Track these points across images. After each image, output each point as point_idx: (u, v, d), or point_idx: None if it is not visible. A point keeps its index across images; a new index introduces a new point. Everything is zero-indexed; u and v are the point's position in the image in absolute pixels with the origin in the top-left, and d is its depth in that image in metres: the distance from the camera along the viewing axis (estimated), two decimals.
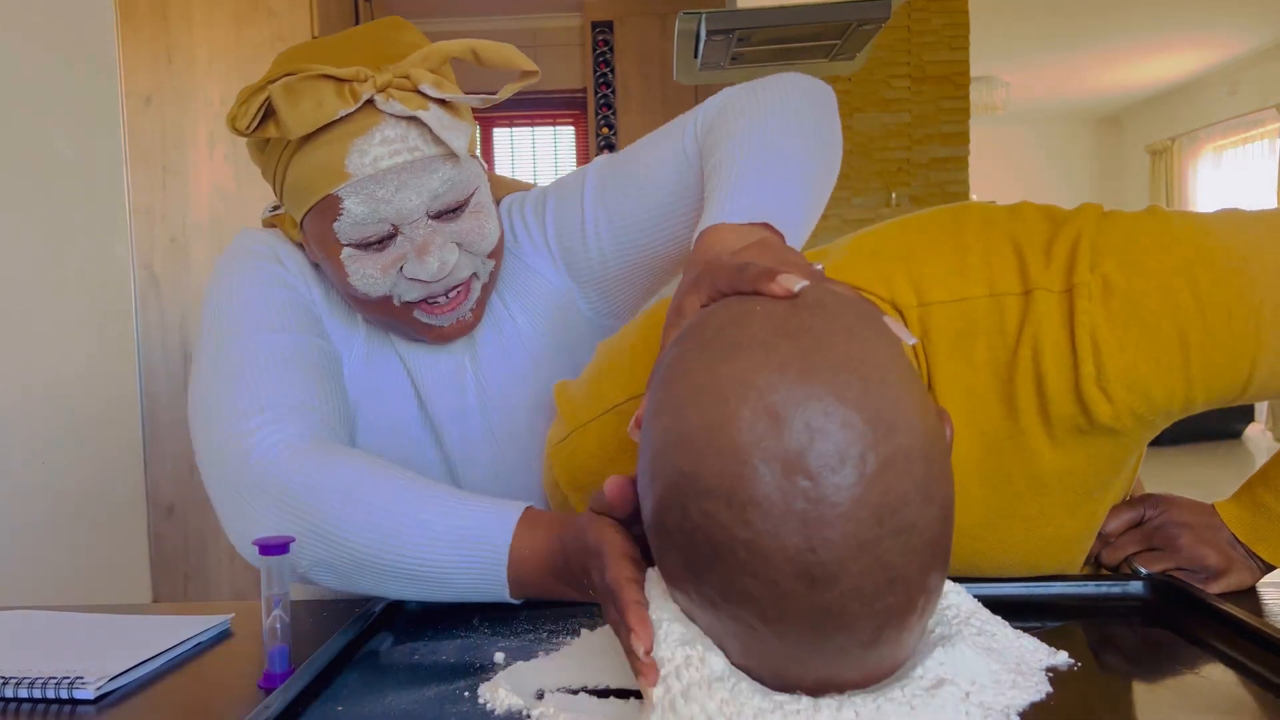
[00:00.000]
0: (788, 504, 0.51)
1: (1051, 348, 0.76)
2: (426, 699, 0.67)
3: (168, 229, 3.10)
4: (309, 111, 0.84)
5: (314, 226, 0.91)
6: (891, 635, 0.54)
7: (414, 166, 0.87)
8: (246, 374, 0.87)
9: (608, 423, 0.87)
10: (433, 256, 0.89)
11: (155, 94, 3.08)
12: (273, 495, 0.81)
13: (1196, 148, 7.65)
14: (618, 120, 5.42)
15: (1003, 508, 0.82)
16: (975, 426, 0.80)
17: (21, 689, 0.71)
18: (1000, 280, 0.78)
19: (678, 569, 0.57)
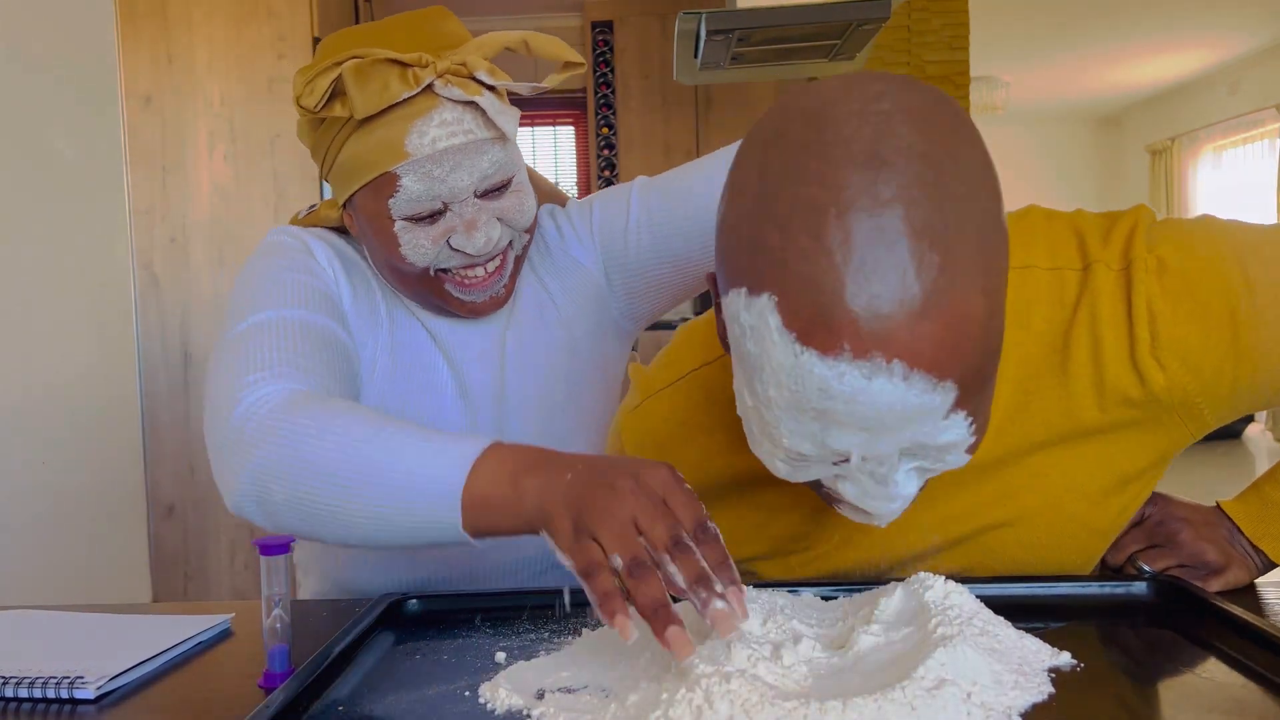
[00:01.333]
0: (861, 120, 0.62)
1: (1109, 316, 0.79)
2: (427, 699, 0.67)
3: (168, 229, 3.10)
4: (376, 93, 0.90)
5: (367, 202, 0.95)
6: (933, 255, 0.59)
7: (467, 148, 0.93)
8: (252, 341, 0.89)
9: (681, 389, 0.91)
10: (480, 232, 0.95)
11: (155, 94, 3.08)
12: (251, 435, 0.80)
13: (1196, 148, 7.65)
14: (618, 120, 5.42)
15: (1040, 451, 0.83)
16: (1025, 394, 0.82)
17: (22, 689, 0.71)
18: (1061, 256, 0.82)
19: (740, 201, 0.65)
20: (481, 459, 0.73)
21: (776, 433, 0.66)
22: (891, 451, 0.65)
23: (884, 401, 0.61)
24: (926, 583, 0.73)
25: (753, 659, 0.64)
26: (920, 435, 0.64)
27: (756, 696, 0.57)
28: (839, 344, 0.59)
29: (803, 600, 0.79)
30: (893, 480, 0.68)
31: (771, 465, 0.71)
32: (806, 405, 0.63)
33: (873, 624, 0.69)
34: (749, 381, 0.67)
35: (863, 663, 0.65)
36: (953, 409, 0.63)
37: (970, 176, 0.62)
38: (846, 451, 0.65)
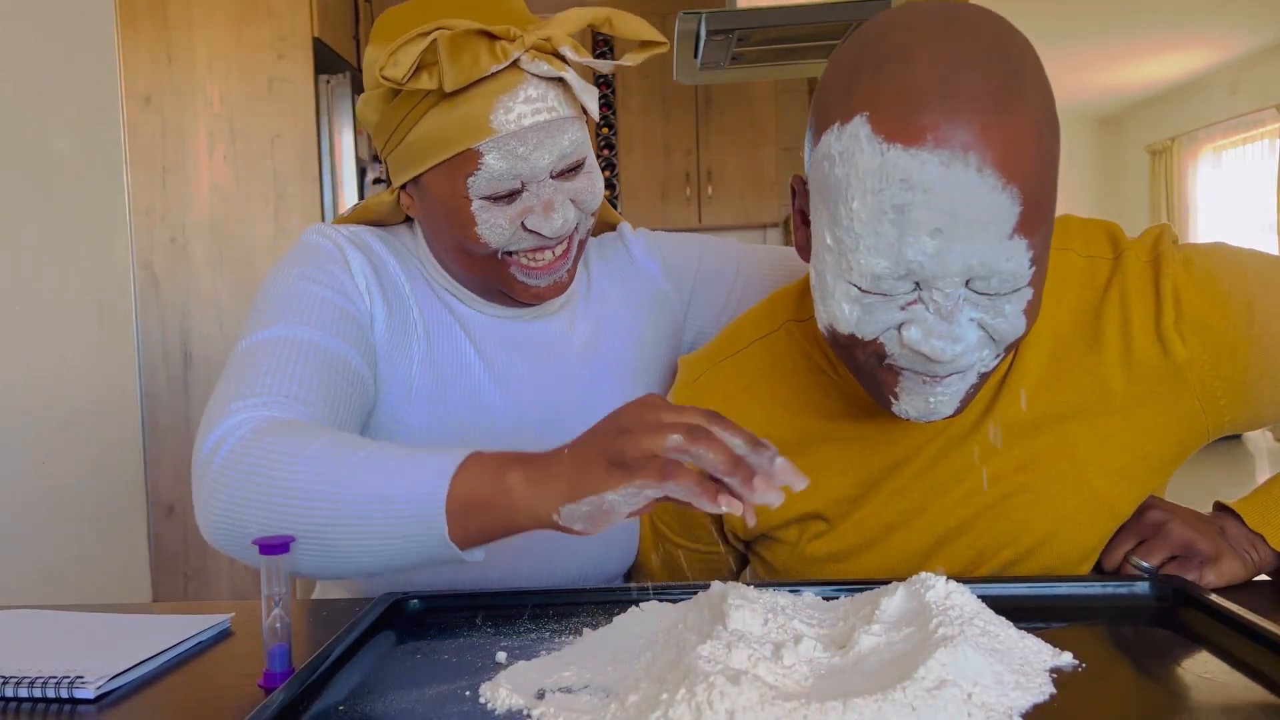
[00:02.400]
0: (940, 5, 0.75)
1: (1138, 295, 0.87)
2: (427, 698, 0.67)
3: (168, 229, 3.10)
4: (467, 66, 0.87)
5: (440, 181, 0.93)
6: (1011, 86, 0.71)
7: (550, 126, 0.91)
8: (252, 362, 0.87)
9: (743, 357, 0.98)
10: (557, 214, 0.93)
11: (155, 94, 3.08)
12: (218, 467, 0.79)
13: (1196, 148, 7.65)
14: (618, 120, 5.42)
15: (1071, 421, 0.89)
16: (1057, 362, 0.89)
17: (21, 689, 0.71)
18: (1094, 247, 0.91)
19: (837, 75, 0.76)
20: (463, 466, 0.72)
21: (853, 256, 0.74)
22: (958, 271, 0.72)
23: (959, 190, 0.69)
24: (928, 583, 0.73)
25: (753, 659, 0.64)
26: (986, 252, 0.71)
27: (757, 697, 0.57)
28: (923, 137, 0.69)
29: (804, 600, 0.79)
30: (956, 319, 0.74)
31: (840, 316, 0.78)
32: (887, 205, 0.71)
33: (874, 624, 0.69)
34: (833, 212, 0.76)
35: (863, 663, 0.65)
36: (1017, 229, 0.71)
37: (1030, 56, 0.75)
38: (917, 269, 0.72)
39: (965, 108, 0.69)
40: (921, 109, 0.69)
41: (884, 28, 0.76)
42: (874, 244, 0.73)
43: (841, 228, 0.75)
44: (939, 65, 0.70)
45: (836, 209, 0.75)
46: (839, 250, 0.76)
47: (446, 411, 1.01)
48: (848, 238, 0.74)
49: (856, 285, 0.75)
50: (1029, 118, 0.71)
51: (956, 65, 0.70)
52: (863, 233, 0.73)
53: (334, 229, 1.01)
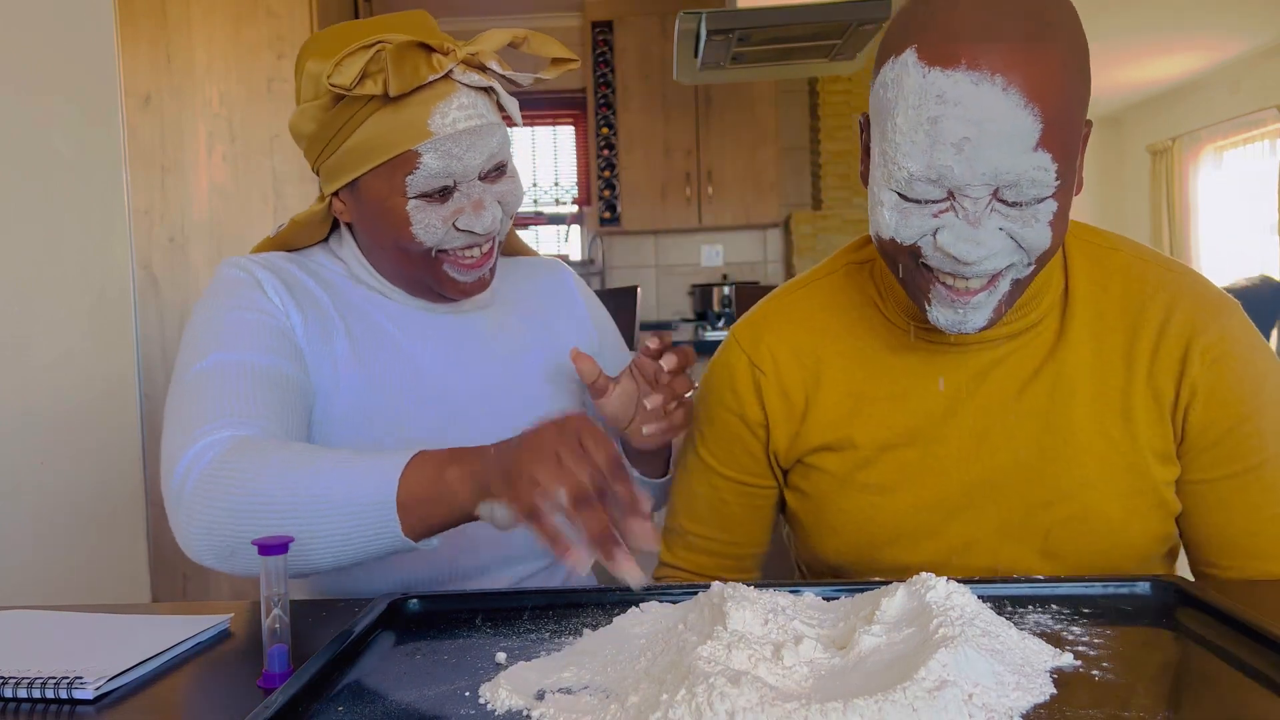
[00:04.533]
0: None
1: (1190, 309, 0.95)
2: (427, 699, 0.67)
3: (167, 229, 3.10)
4: (409, 74, 0.96)
5: (378, 183, 1.00)
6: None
7: (481, 130, 1.00)
8: (197, 392, 0.95)
9: (805, 293, 1.08)
10: (487, 212, 1.02)
11: (155, 94, 3.08)
12: (191, 493, 0.87)
13: (1197, 148, 7.65)
14: (618, 120, 5.42)
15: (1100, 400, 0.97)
16: (1098, 340, 0.97)
17: (21, 689, 0.71)
18: (1144, 252, 1.00)
19: (899, 17, 0.87)
20: (408, 466, 0.81)
21: (894, 164, 0.84)
22: (985, 178, 0.81)
23: (985, 105, 0.79)
24: (928, 583, 0.73)
25: (754, 659, 0.64)
26: (1011, 160, 0.80)
27: (757, 697, 0.57)
28: (957, 60, 0.80)
29: (804, 600, 0.79)
30: (983, 224, 0.83)
31: (883, 222, 0.88)
32: (924, 117, 0.82)
33: (874, 625, 0.69)
34: (882, 130, 0.86)
35: (864, 663, 0.65)
36: (1040, 143, 0.80)
37: (1067, 10, 0.84)
38: (947, 175, 0.82)
39: (997, 38, 0.80)
40: (960, 38, 0.81)
41: None
42: (910, 150, 0.83)
43: (887, 140, 0.86)
44: (982, 7, 0.82)
45: (884, 126, 0.86)
46: (883, 161, 0.87)
47: (376, 400, 1.05)
48: (890, 148, 0.85)
49: (896, 191, 0.86)
50: (1055, 51, 0.81)
51: (997, 8, 0.81)
52: (901, 142, 0.84)
53: (245, 259, 1.08)
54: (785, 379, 1.05)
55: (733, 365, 1.08)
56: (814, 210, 5.49)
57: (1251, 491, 0.94)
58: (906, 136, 0.83)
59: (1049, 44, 0.81)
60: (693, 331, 4.95)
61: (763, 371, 1.05)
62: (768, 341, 1.06)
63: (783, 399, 1.05)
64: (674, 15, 3.87)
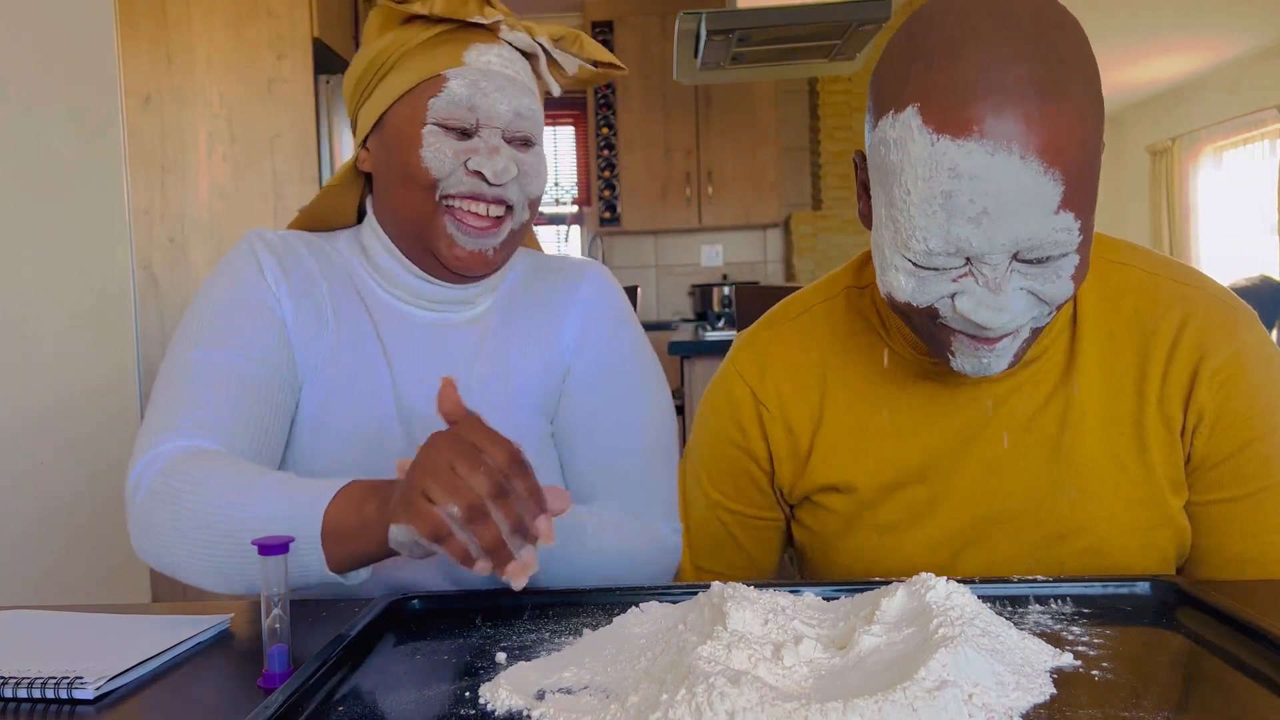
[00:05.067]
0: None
1: (1200, 329, 0.92)
2: (427, 699, 0.67)
3: (167, 229, 3.10)
4: (458, 4, 0.98)
5: (403, 108, 0.99)
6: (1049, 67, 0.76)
7: (514, 83, 1.00)
8: (172, 389, 0.95)
9: (803, 322, 1.05)
10: (501, 158, 0.98)
11: (155, 94, 3.08)
12: (140, 500, 0.89)
13: (1196, 148, 7.64)
14: (617, 120, 5.42)
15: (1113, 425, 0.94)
16: (1105, 369, 0.94)
17: (21, 689, 0.71)
18: (1159, 266, 0.96)
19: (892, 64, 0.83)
20: (334, 500, 0.80)
21: (908, 234, 0.81)
22: (1005, 247, 0.78)
23: (1004, 177, 0.75)
24: (928, 583, 0.72)
25: (753, 659, 0.64)
26: (1032, 228, 0.77)
27: (757, 697, 0.57)
28: (969, 129, 0.76)
29: (804, 600, 0.79)
30: (1004, 290, 0.80)
31: (897, 285, 0.84)
32: (937, 190, 0.78)
33: (874, 625, 0.69)
34: (889, 197, 0.83)
35: (864, 663, 0.65)
36: (1061, 205, 0.77)
37: (1078, 42, 0.79)
38: (966, 246, 0.78)
39: (1010, 101, 0.75)
40: (969, 103, 0.76)
41: (937, 16, 0.81)
42: (925, 225, 0.80)
43: (897, 208, 0.82)
44: (987, 61, 0.76)
45: (892, 191, 0.82)
46: (894, 228, 0.83)
47: (338, 404, 1.03)
48: (902, 217, 0.81)
49: (911, 260, 0.83)
50: (1073, 106, 0.76)
51: (1004, 60, 0.76)
52: (915, 214, 0.80)
53: (260, 237, 1.06)
54: (790, 414, 1.02)
55: (736, 399, 1.05)
56: (814, 210, 5.49)
57: (1253, 516, 0.92)
58: (920, 209, 0.79)
59: (1067, 96, 0.76)
60: (693, 331, 4.95)
61: (766, 407, 1.03)
62: (772, 374, 1.03)
63: (787, 434, 1.03)
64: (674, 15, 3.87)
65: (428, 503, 0.70)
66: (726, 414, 1.05)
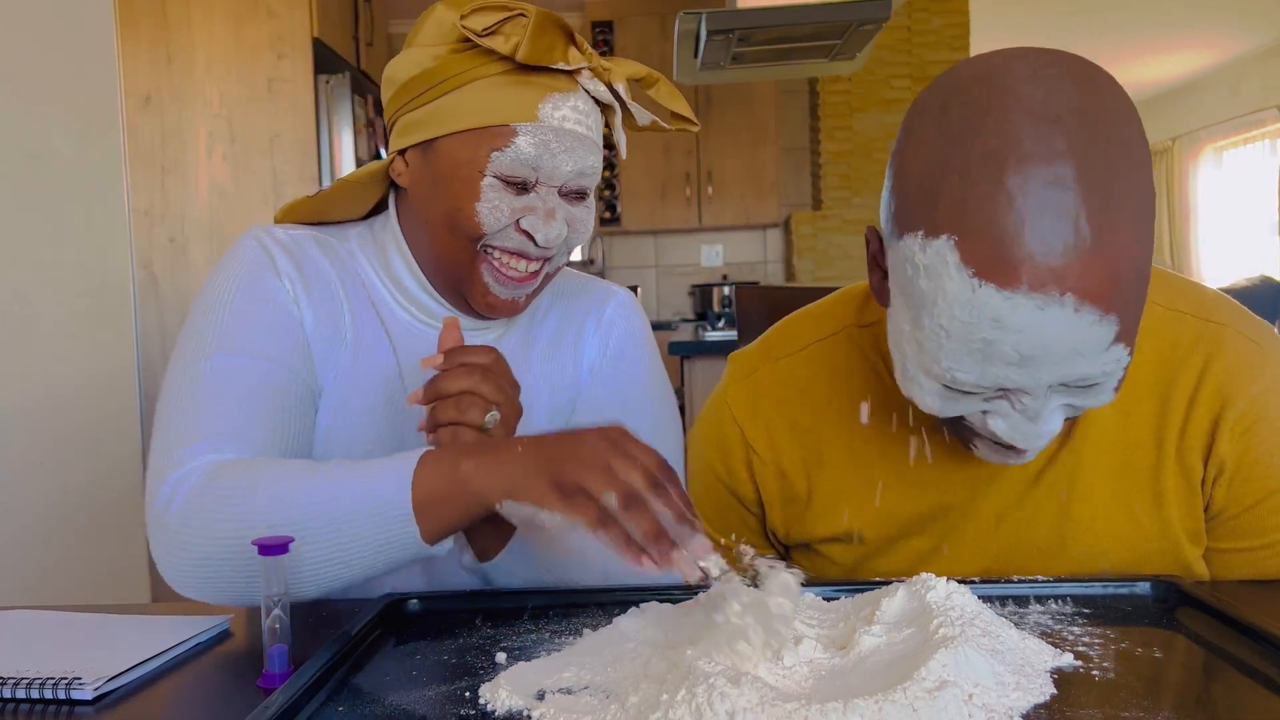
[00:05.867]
0: (1034, 83, 0.70)
1: (1223, 373, 0.87)
2: (427, 699, 0.67)
3: (167, 229, 3.10)
4: (543, 48, 0.91)
5: (462, 148, 0.93)
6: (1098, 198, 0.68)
7: (584, 141, 0.95)
8: (194, 399, 0.90)
9: (801, 359, 0.99)
10: (556, 225, 0.95)
11: (155, 94, 3.08)
12: (176, 520, 0.83)
13: (1196, 148, 7.65)
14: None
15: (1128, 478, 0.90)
16: (1121, 419, 0.89)
17: (19, 689, 0.71)
18: (1182, 303, 0.90)
19: (920, 152, 0.74)
20: (418, 470, 0.78)
21: (937, 364, 0.74)
22: (1048, 384, 0.72)
23: (1054, 331, 0.69)
24: (929, 584, 0.72)
25: (754, 660, 0.64)
26: (1083, 369, 0.71)
27: (757, 698, 0.57)
28: (1017, 279, 0.68)
29: (804, 600, 0.79)
30: (1043, 417, 0.75)
31: (922, 400, 0.78)
32: (976, 335, 0.71)
33: (874, 625, 0.69)
34: (916, 318, 0.75)
35: (864, 664, 0.65)
36: (1114, 341, 0.70)
37: (1129, 137, 0.71)
38: (1006, 383, 0.72)
39: (1061, 247, 0.67)
40: (1015, 247, 0.67)
41: (975, 107, 0.71)
42: (959, 362, 0.73)
43: (925, 334, 0.74)
44: (1033, 194, 0.67)
45: (920, 316, 0.74)
46: (921, 350, 0.76)
47: (352, 420, 0.99)
48: (931, 345, 0.74)
49: (940, 381, 0.76)
50: (1127, 235, 0.68)
51: (1052, 192, 0.67)
52: (950, 349, 0.73)
53: (269, 235, 1.01)
54: (784, 461, 0.98)
55: (725, 436, 1.01)
56: (814, 210, 5.49)
57: (1271, 564, 0.90)
58: (957, 347, 0.73)
59: (1120, 225, 0.68)
60: (693, 331, 4.94)
61: (757, 452, 0.98)
62: (764, 415, 0.98)
63: (780, 479, 0.98)
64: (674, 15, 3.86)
65: (584, 495, 0.70)
66: (715, 448, 1.02)
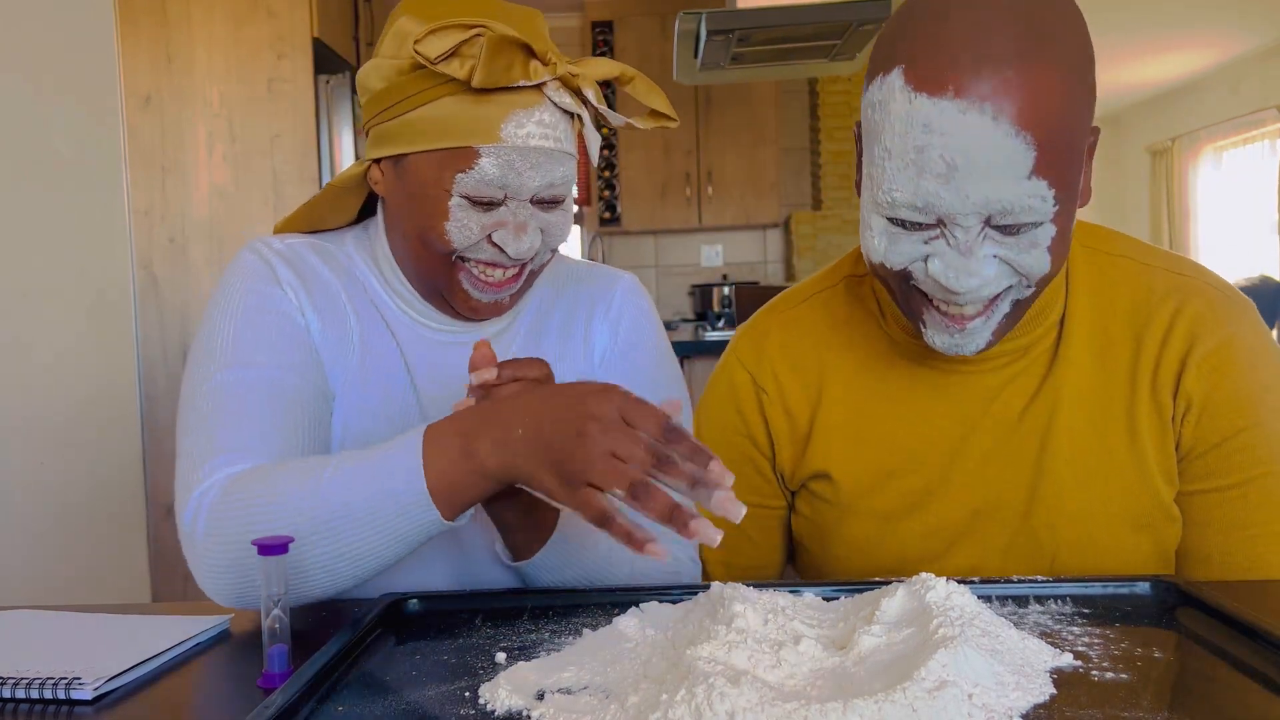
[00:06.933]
0: None
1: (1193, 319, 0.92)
2: (427, 699, 0.67)
3: (167, 229, 3.10)
4: (500, 70, 0.89)
5: (428, 168, 0.93)
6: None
7: (551, 154, 0.94)
8: (210, 415, 0.91)
9: (804, 310, 1.06)
10: (527, 238, 0.95)
11: (155, 94, 3.08)
12: (204, 534, 0.85)
13: (1196, 148, 7.64)
14: None
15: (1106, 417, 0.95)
16: (1102, 361, 0.94)
17: (19, 689, 0.71)
18: (1155, 259, 0.97)
19: (886, 32, 0.85)
20: (427, 453, 0.79)
21: (882, 192, 0.82)
22: (976, 209, 0.79)
23: (974, 137, 0.76)
24: (928, 583, 0.72)
25: (754, 659, 0.64)
26: (1003, 191, 0.78)
27: (757, 698, 0.57)
28: (945, 87, 0.77)
29: (804, 600, 0.79)
30: (975, 253, 0.81)
31: (872, 245, 0.86)
32: (910, 145, 0.79)
33: (874, 625, 0.69)
34: (870, 156, 0.85)
35: (864, 664, 0.65)
36: (1034, 171, 0.77)
37: (1068, 18, 0.80)
38: (936, 202, 0.79)
39: (987, 64, 0.76)
40: (948, 64, 0.77)
41: None
42: (896, 178, 0.81)
43: (875, 165, 0.84)
44: (971, 26, 0.78)
45: (873, 149, 0.84)
46: (871, 185, 0.85)
47: (364, 423, 1.00)
48: (877, 173, 0.83)
49: (884, 216, 0.84)
50: (1050, 72, 0.77)
51: (988, 26, 0.77)
52: (888, 168, 0.82)
53: (268, 246, 1.01)
54: (789, 398, 1.03)
55: (736, 384, 1.06)
56: (814, 210, 5.49)
57: (1238, 507, 0.92)
58: (894, 164, 0.81)
59: (1044, 64, 0.77)
60: (693, 331, 4.94)
61: (766, 391, 1.04)
62: (770, 357, 1.04)
63: (786, 417, 1.03)
64: (674, 15, 3.86)
65: (588, 489, 0.71)
66: (728, 401, 1.06)
